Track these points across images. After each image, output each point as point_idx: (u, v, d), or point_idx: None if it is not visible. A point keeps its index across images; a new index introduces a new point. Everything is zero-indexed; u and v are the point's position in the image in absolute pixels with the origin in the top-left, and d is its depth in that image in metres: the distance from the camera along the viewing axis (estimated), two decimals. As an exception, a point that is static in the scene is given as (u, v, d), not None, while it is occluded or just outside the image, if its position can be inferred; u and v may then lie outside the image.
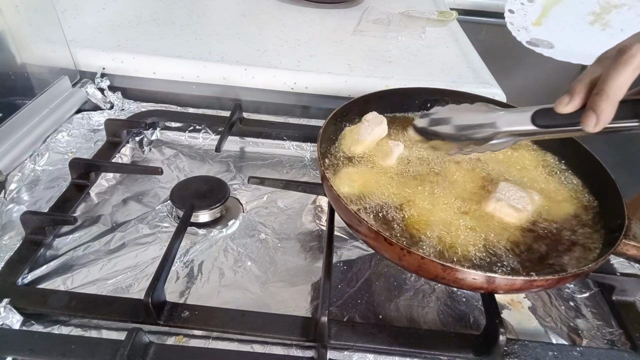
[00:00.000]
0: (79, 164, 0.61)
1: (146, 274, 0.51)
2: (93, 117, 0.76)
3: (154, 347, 0.42)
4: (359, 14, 1.13)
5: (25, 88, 0.69)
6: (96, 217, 0.59)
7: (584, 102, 0.38)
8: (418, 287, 0.53)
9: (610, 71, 0.35)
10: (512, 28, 1.01)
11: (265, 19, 1.06)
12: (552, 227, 0.47)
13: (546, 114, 0.41)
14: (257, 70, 0.82)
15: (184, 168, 0.69)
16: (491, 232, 0.46)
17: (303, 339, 0.44)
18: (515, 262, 0.43)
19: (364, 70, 0.85)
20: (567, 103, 0.39)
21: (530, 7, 1.04)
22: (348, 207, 0.43)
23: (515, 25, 1.02)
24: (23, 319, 0.45)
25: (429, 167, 0.54)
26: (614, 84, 0.35)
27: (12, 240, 0.53)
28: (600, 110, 0.36)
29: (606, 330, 0.50)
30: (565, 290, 0.55)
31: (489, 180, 0.53)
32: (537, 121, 0.41)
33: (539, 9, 1.04)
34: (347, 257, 0.56)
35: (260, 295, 0.51)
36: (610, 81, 0.35)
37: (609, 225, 0.47)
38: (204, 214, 0.58)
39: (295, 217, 0.62)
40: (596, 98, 0.36)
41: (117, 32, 0.90)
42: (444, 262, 0.38)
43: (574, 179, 0.55)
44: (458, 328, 0.49)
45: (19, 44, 0.67)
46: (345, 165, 0.54)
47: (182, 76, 0.82)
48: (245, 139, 0.76)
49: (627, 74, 0.35)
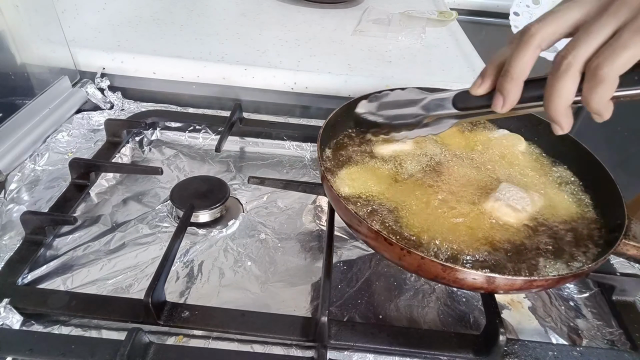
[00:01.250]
0: (79, 164, 0.61)
1: (146, 274, 0.51)
2: (93, 117, 0.76)
3: (154, 347, 0.42)
4: (359, 14, 1.13)
5: (25, 88, 0.69)
6: (96, 217, 0.59)
7: (494, 84, 0.39)
8: (418, 287, 0.53)
9: (513, 52, 0.36)
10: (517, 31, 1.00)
11: (265, 19, 1.06)
12: (552, 227, 0.47)
13: (464, 97, 0.42)
14: (257, 70, 0.82)
15: (184, 168, 0.69)
16: (492, 232, 0.46)
17: (303, 339, 0.44)
18: (515, 262, 0.43)
19: (364, 70, 0.85)
20: (479, 86, 0.40)
21: (535, 10, 1.03)
22: (348, 207, 0.43)
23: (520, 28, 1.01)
24: (23, 319, 0.45)
25: (430, 167, 0.54)
26: (517, 65, 0.36)
27: (12, 240, 0.53)
28: (507, 91, 0.37)
29: (606, 330, 0.50)
30: (565, 290, 0.55)
31: (490, 181, 0.53)
32: (458, 104, 0.43)
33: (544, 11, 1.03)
34: (347, 257, 0.56)
35: (260, 295, 0.51)
36: (514, 62, 0.36)
37: (609, 225, 0.47)
38: (204, 214, 0.58)
39: (295, 217, 0.62)
40: (502, 80, 0.37)
41: (117, 32, 0.90)
42: (444, 262, 0.38)
43: (573, 179, 0.55)
44: (458, 328, 0.49)
45: (19, 44, 0.67)
46: (345, 165, 0.54)
47: (182, 76, 0.82)
48: (245, 139, 0.76)
49: (529, 54, 0.36)
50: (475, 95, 0.41)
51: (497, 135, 0.61)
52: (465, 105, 0.43)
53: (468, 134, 0.62)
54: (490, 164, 0.56)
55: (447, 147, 0.58)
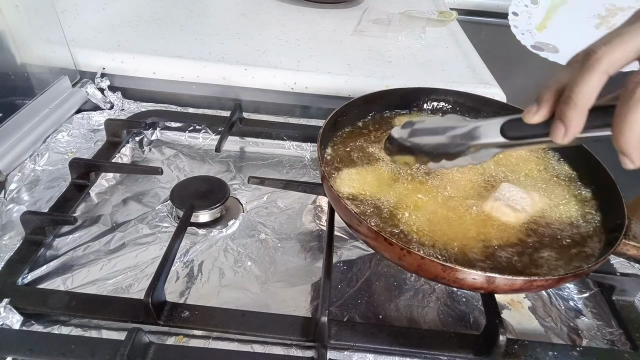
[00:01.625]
0: (79, 164, 0.61)
1: (146, 274, 0.51)
2: (93, 117, 0.76)
3: (154, 347, 0.42)
4: (359, 14, 1.13)
5: (25, 88, 0.69)
6: (96, 217, 0.59)
7: (553, 111, 0.35)
8: (418, 287, 0.53)
9: (577, 78, 0.33)
10: (517, 31, 0.97)
11: (265, 19, 1.06)
12: (552, 227, 0.47)
13: (515, 124, 0.38)
14: (257, 70, 0.82)
15: (184, 168, 0.69)
16: (492, 233, 0.46)
17: (303, 339, 0.44)
18: (515, 262, 0.43)
19: (364, 70, 0.85)
20: (535, 113, 0.36)
21: (534, 10, 1.02)
22: (348, 207, 0.43)
23: (520, 28, 0.98)
24: (23, 319, 0.45)
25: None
26: (581, 92, 0.32)
27: (12, 240, 0.53)
28: (568, 120, 0.33)
29: (606, 330, 0.50)
30: (565, 290, 0.55)
31: (491, 182, 0.53)
32: (507, 133, 0.39)
33: (543, 11, 1.01)
34: (347, 257, 0.56)
35: (260, 295, 0.51)
36: (577, 88, 0.33)
37: (609, 225, 0.47)
38: (204, 214, 0.58)
39: (295, 217, 0.62)
40: (564, 107, 0.34)
41: (117, 32, 0.90)
42: (444, 262, 0.38)
43: (573, 179, 0.55)
44: (458, 328, 0.49)
45: (19, 44, 0.67)
46: (345, 165, 0.54)
47: (182, 76, 0.82)
48: (245, 139, 0.76)
49: (594, 81, 0.32)
50: (530, 123, 0.36)
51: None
52: (517, 134, 0.38)
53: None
54: (491, 165, 0.56)
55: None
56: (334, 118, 0.56)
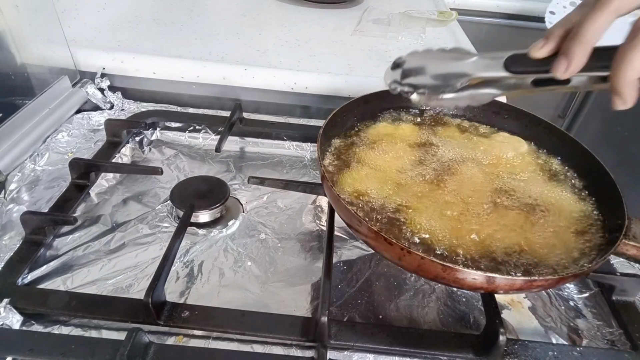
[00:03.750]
0: (79, 164, 0.61)
1: (146, 274, 0.51)
2: (93, 117, 0.76)
3: (154, 347, 0.42)
4: (359, 14, 1.13)
5: (25, 88, 0.69)
6: (96, 217, 0.59)
7: (558, 47, 0.36)
8: (418, 287, 0.53)
9: (587, 15, 0.34)
10: None
11: (265, 19, 1.06)
12: (552, 227, 0.47)
13: (519, 59, 0.39)
14: (257, 70, 0.82)
15: (184, 168, 0.69)
16: (492, 233, 0.46)
17: (303, 339, 0.44)
18: (515, 261, 0.43)
19: (364, 70, 0.85)
20: (541, 47, 0.37)
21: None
22: (348, 207, 0.43)
23: None
24: (23, 319, 0.45)
25: (431, 168, 0.54)
26: (590, 28, 0.34)
27: (12, 240, 0.53)
28: (573, 54, 0.35)
29: (606, 330, 0.50)
30: (565, 290, 0.55)
31: (491, 182, 0.53)
32: (511, 67, 0.40)
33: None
34: (347, 257, 0.56)
35: (260, 295, 0.51)
36: (586, 24, 0.34)
37: (609, 225, 0.47)
38: (204, 214, 0.58)
39: (295, 217, 0.62)
40: (570, 42, 0.35)
41: (117, 32, 0.90)
42: (444, 262, 0.38)
43: (573, 179, 0.55)
44: (458, 328, 0.49)
45: (19, 44, 0.67)
46: (345, 165, 0.54)
47: (182, 76, 0.82)
48: (245, 139, 0.76)
49: (603, 19, 0.33)
50: (535, 57, 0.37)
51: (498, 138, 0.61)
52: (520, 68, 0.39)
53: (469, 136, 0.62)
54: (492, 166, 0.56)
55: (448, 149, 0.58)
56: (334, 118, 0.56)
